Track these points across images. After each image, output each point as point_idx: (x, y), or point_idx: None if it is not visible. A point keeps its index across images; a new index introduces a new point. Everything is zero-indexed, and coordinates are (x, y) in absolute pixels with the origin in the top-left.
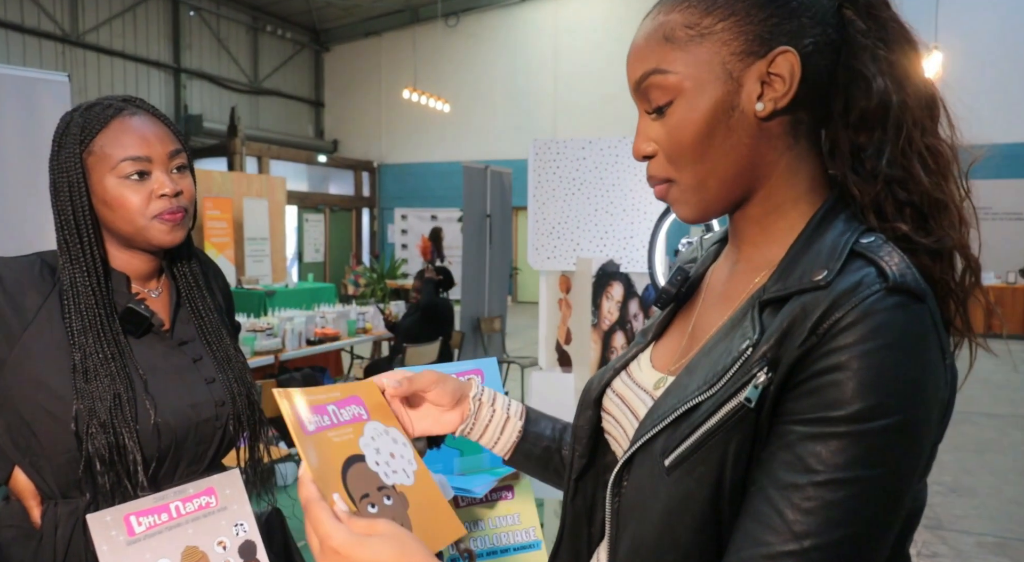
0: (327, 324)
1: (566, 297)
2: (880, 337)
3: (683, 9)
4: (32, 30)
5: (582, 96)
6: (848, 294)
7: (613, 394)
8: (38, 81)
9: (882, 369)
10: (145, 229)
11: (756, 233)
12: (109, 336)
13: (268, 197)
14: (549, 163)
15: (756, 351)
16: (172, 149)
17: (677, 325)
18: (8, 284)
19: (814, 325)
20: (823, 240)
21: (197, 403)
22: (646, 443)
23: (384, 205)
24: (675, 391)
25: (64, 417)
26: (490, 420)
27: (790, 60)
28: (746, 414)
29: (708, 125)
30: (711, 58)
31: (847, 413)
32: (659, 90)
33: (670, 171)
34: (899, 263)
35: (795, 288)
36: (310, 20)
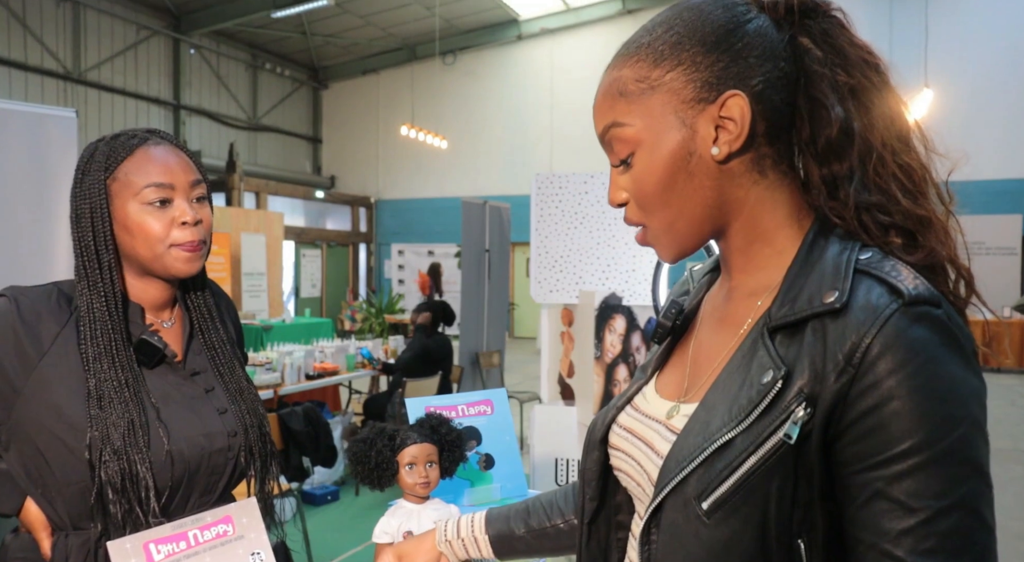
0: (326, 359)
1: (568, 330)
2: (917, 356)
3: (633, 64)
4: (35, 68)
5: (578, 132)
6: (869, 318)
7: (621, 429)
8: (46, 117)
9: (932, 387)
10: (163, 256)
11: (743, 261)
12: (124, 363)
13: (265, 232)
14: (551, 197)
15: (790, 386)
16: (193, 179)
17: (677, 356)
18: (25, 313)
19: (848, 355)
20: (823, 261)
21: (210, 433)
22: (677, 486)
23: (381, 241)
24: (695, 429)
25: (78, 446)
26: (465, 550)
27: (739, 104)
28: (787, 451)
29: (668, 172)
30: (663, 108)
31: (919, 441)
32: (620, 142)
33: (641, 217)
34: (906, 275)
35: (806, 312)
36: (309, 58)
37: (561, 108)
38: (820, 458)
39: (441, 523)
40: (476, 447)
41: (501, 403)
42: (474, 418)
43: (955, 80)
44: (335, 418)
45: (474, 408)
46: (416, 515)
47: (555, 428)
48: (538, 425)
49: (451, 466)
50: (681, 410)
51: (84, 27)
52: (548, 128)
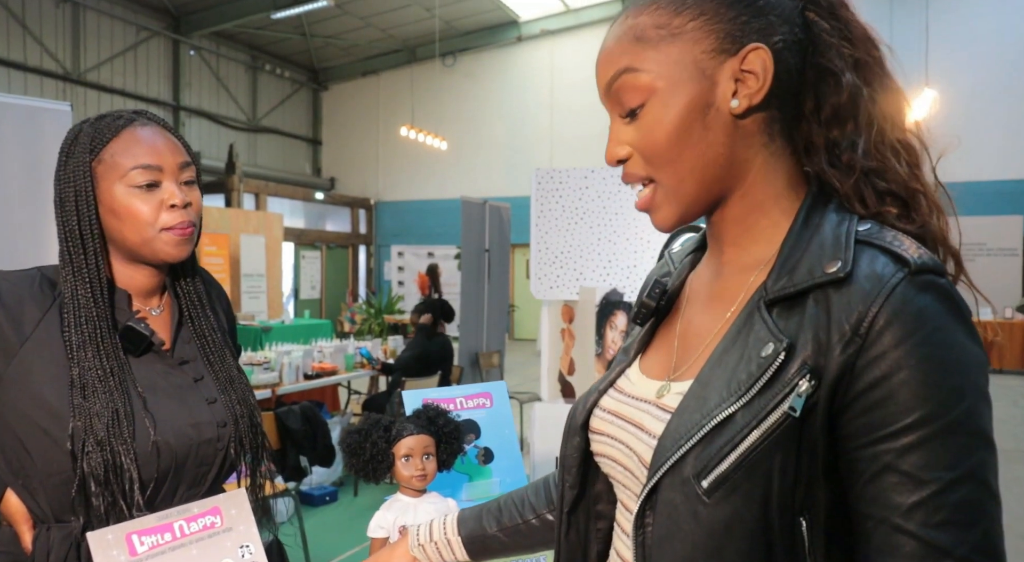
0: (325, 359)
1: (569, 327)
2: (924, 326)
3: (652, 11)
4: (35, 68)
5: (578, 133)
6: (875, 287)
7: (604, 413)
8: (41, 110)
9: (940, 357)
10: (152, 241)
11: (738, 233)
12: (109, 351)
13: (265, 234)
14: (552, 193)
15: (792, 358)
16: (182, 161)
17: (661, 337)
18: (6, 297)
19: (853, 326)
20: (821, 232)
21: (198, 423)
22: (674, 466)
23: (381, 242)
24: (694, 405)
25: (60, 435)
26: (439, 553)
27: (762, 56)
28: (791, 424)
29: (684, 123)
30: (683, 57)
31: (928, 412)
32: (631, 91)
33: (648, 171)
34: (910, 245)
35: (807, 283)
36: (309, 59)
37: (561, 109)
38: (824, 432)
39: (413, 528)
40: (475, 440)
41: (501, 396)
42: (473, 411)
43: (956, 81)
44: (334, 418)
45: (473, 401)
46: (412, 509)
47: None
48: (538, 423)
49: (449, 458)
50: (672, 388)
51: (84, 28)
52: (548, 129)
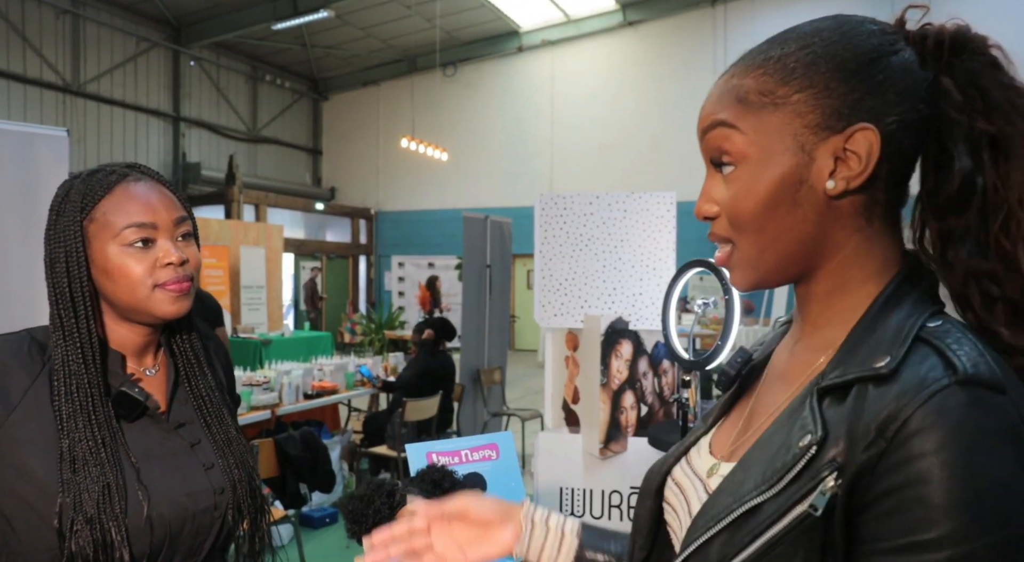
0: (325, 377)
1: (573, 355)
2: (958, 441)
3: (758, 75)
4: (34, 81)
5: (579, 144)
6: (915, 389)
7: (672, 483)
8: (37, 136)
9: (969, 478)
10: (147, 300)
11: (818, 312)
12: (101, 421)
13: (265, 245)
14: (556, 218)
15: (824, 452)
16: (177, 216)
17: (738, 409)
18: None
19: (880, 426)
20: (887, 323)
21: (194, 492)
22: (700, 547)
23: (381, 252)
24: (728, 488)
25: (47, 512)
26: (545, 539)
27: (869, 138)
28: (814, 523)
29: (772, 197)
30: (782, 128)
31: (940, 535)
32: (723, 146)
33: (731, 233)
34: (969, 351)
35: (854, 375)
36: (309, 70)
37: (562, 120)
38: (843, 534)
39: (528, 501)
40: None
41: (507, 447)
42: (478, 464)
43: None
44: (334, 438)
45: (478, 453)
46: None
47: (559, 456)
48: (542, 453)
49: None
50: (720, 469)
51: (84, 39)
52: (549, 140)
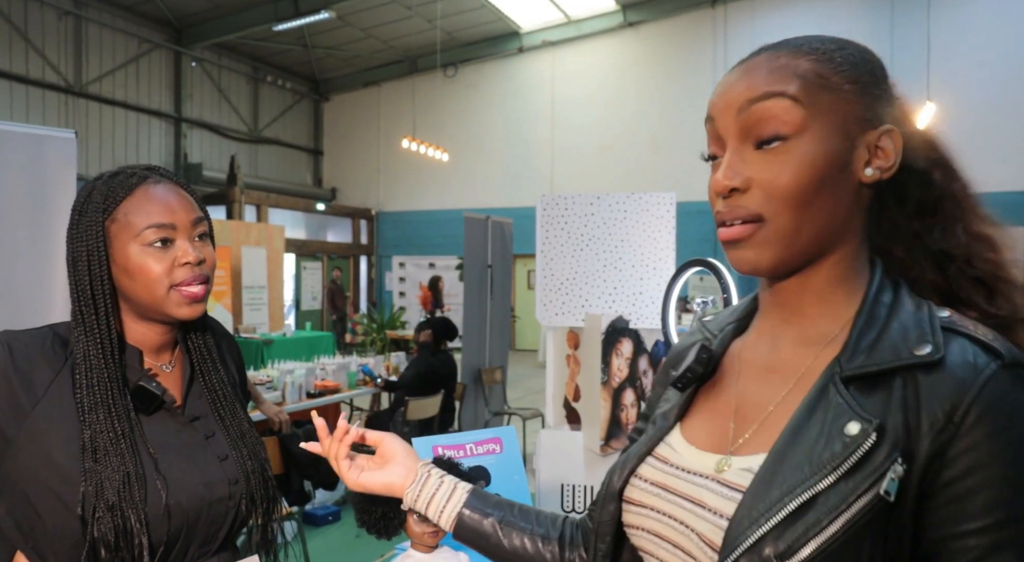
0: (327, 376)
1: (574, 353)
2: (1019, 420)
3: (812, 59)
4: (37, 81)
5: (579, 144)
6: (970, 376)
7: (646, 484)
8: (46, 138)
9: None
10: (164, 299)
11: (811, 303)
12: (120, 412)
13: (266, 245)
14: (557, 218)
15: (883, 439)
16: (195, 217)
17: (704, 406)
18: (18, 359)
19: (947, 414)
20: (898, 314)
21: (210, 482)
22: (752, 546)
23: (382, 253)
24: (772, 481)
25: (71, 499)
26: (437, 490)
27: (895, 139)
28: (881, 510)
29: (825, 171)
30: (836, 112)
31: (1011, 514)
32: (778, 118)
33: (766, 209)
34: (996, 336)
35: (893, 363)
36: (310, 70)
37: (562, 120)
38: (911, 519)
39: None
40: (485, 487)
41: (510, 441)
42: (483, 457)
43: (958, 93)
44: None
45: (482, 447)
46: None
47: (561, 453)
48: (544, 450)
49: None
50: (733, 464)
51: (86, 40)
52: (549, 140)
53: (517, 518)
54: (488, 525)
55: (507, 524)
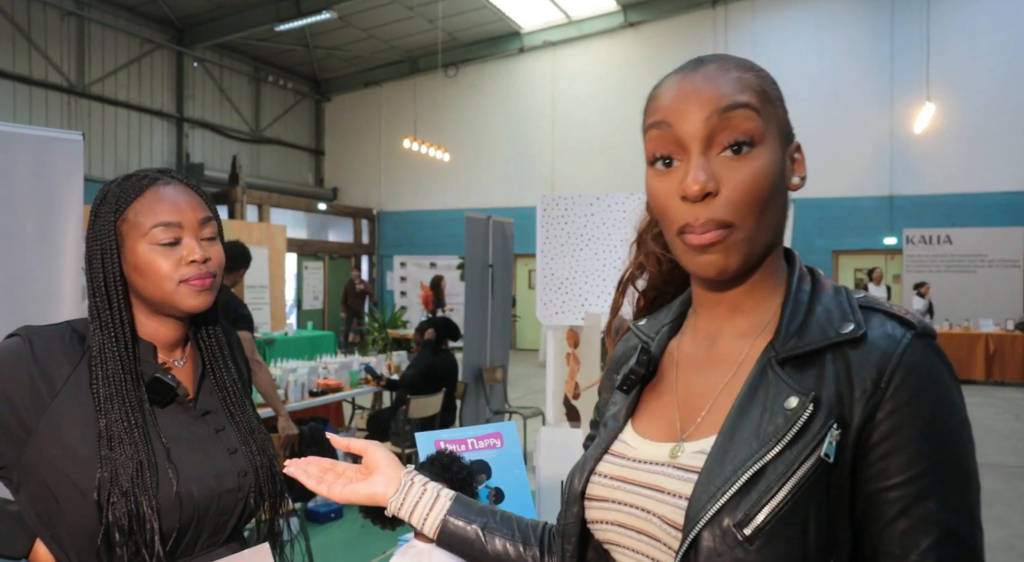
0: (329, 375)
1: (574, 352)
2: (934, 384)
3: (755, 75)
4: (40, 82)
5: (580, 144)
6: (891, 346)
7: (606, 479)
8: (53, 140)
9: (946, 413)
10: (172, 294)
11: (744, 299)
12: (135, 404)
13: (268, 245)
14: (557, 219)
15: (819, 409)
16: (203, 217)
17: (650, 402)
18: (39, 353)
19: (875, 381)
20: (820, 299)
21: (220, 473)
22: (713, 517)
23: (383, 252)
24: (724, 458)
25: (87, 486)
26: (420, 497)
27: (801, 151)
28: (823, 471)
29: (776, 179)
30: (777, 124)
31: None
32: (745, 128)
33: (733, 216)
34: (907, 311)
35: (822, 342)
36: (311, 70)
37: (563, 120)
38: (849, 477)
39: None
40: (486, 481)
41: (511, 436)
42: (484, 452)
43: (957, 93)
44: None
45: (483, 441)
46: (427, 554)
47: (561, 449)
48: (544, 447)
49: None
50: (686, 449)
51: (88, 41)
52: (550, 140)
53: (499, 524)
54: (471, 531)
55: (490, 530)
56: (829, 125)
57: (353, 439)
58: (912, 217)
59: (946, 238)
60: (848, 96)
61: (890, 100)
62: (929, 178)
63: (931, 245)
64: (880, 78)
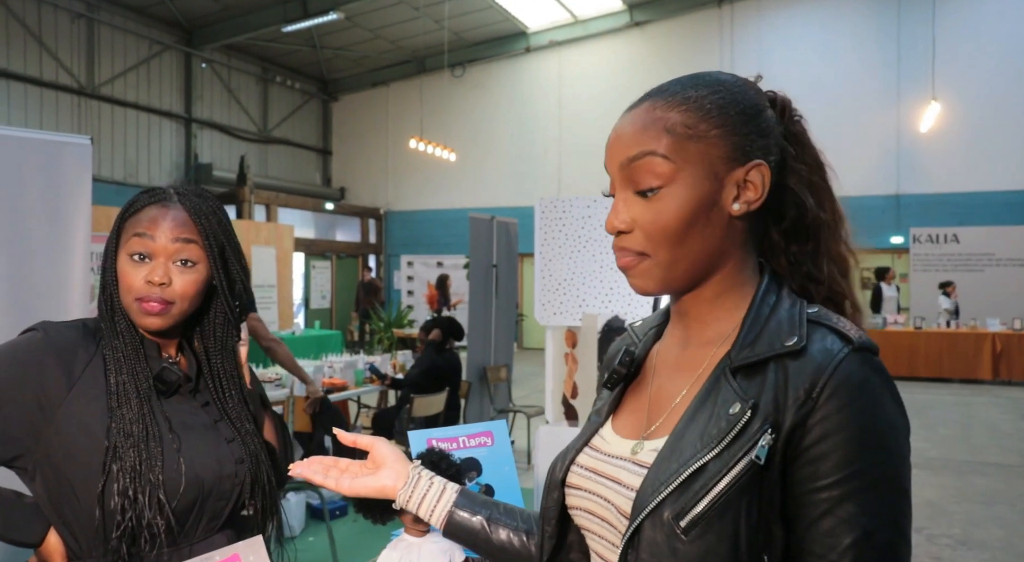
0: (335, 374)
1: (572, 352)
2: (863, 396)
3: (682, 110)
4: (50, 84)
5: (586, 144)
6: (825, 359)
7: (582, 470)
8: (63, 144)
9: (873, 424)
10: (129, 307)
11: (705, 311)
12: (144, 393)
13: (276, 245)
14: (555, 221)
15: (756, 415)
16: (182, 237)
17: (630, 400)
18: (57, 346)
19: (808, 390)
20: (778, 312)
21: (220, 459)
22: (655, 509)
23: (390, 252)
24: (671, 456)
25: (99, 468)
26: (428, 490)
27: (763, 172)
28: (755, 472)
29: (693, 214)
30: (703, 158)
31: (861, 468)
32: (651, 173)
33: (647, 247)
34: (851, 326)
35: (768, 354)
36: (319, 71)
37: (569, 120)
38: (780, 478)
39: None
40: (476, 478)
41: (501, 434)
42: (475, 449)
43: (964, 92)
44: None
45: (475, 439)
46: (417, 548)
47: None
48: (542, 445)
49: None
50: (645, 446)
51: (98, 43)
52: (556, 140)
53: (503, 516)
54: (477, 522)
55: (494, 521)
56: (835, 124)
57: (360, 435)
58: (919, 216)
59: (953, 237)
60: (854, 95)
61: (896, 99)
62: (936, 177)
63: (938, 244)
64: (886, 77)
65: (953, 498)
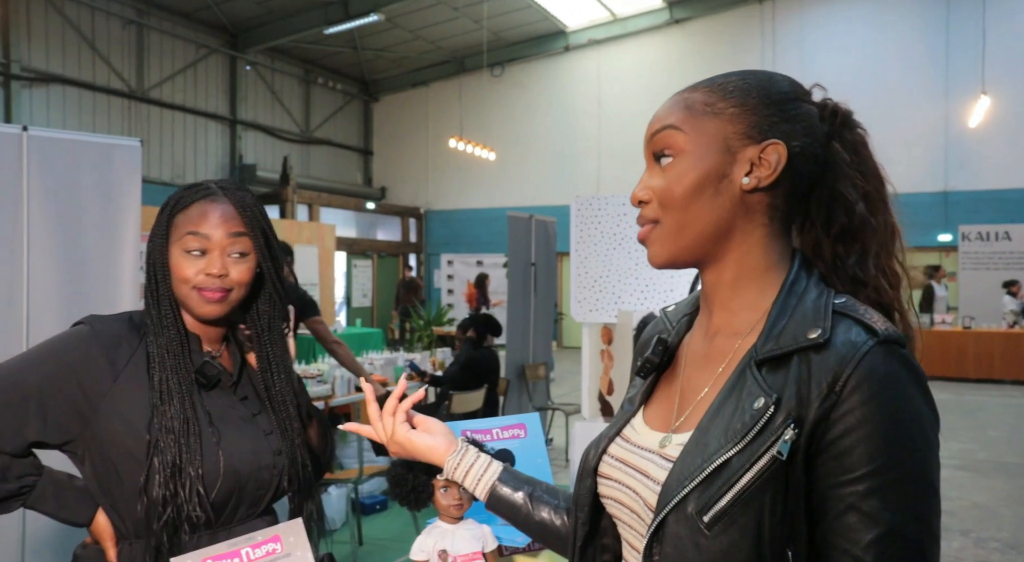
0: (375, 370)
1: (608, 348)
2: (888, 389)
3: (705, 90)
4: (103, 88)
5: (626, 142)
6: (849, 352)
7: (612, 460)
8: (114, 146)
9: (899, 417)
10: (187, 297)
11: (729, 297)
12: (186, 385)
13: (318, 244)
14: (591, 218)
15: (780, 410)
16: (234, 232)
17: (662, 390)
18: (103, 339)
19: (831, 384)
20: (803, 304)
21: (258, 451)
22: (679, 503)
23: (430, 251)
24: (695, 451)
25: (143, 459)
26: (475, 462)
27: (779, 151)
28: (779, 467)
29: (700, 183)
30: (717, 132)
31: (886, 463)
32: (667, 143)
33: (659, 213)
34: (878, 318)
35: (792, 347)
36: (359, 72)
37: (609, 119)
38: (804, 473)
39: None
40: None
41: (534, 427)
42: (508, 441)
43: (1015, 85)
44: None
45: (508, 431)
46: (451, 534)
47: None
48: (579, 440)
49: None
50: (673, 440)
51: (147, 48)
52: (596, 139)
53: (545, 494)
54: (519, 498)
55: (536, 499)
56: (880, 120)
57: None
58: (968, 213)
59: (1004, 234)
60: (899, 90)
61: (944, 93)
62: (985, 173)
63: (988, 242)
64: (933, 71)
65: (1002, 501)
